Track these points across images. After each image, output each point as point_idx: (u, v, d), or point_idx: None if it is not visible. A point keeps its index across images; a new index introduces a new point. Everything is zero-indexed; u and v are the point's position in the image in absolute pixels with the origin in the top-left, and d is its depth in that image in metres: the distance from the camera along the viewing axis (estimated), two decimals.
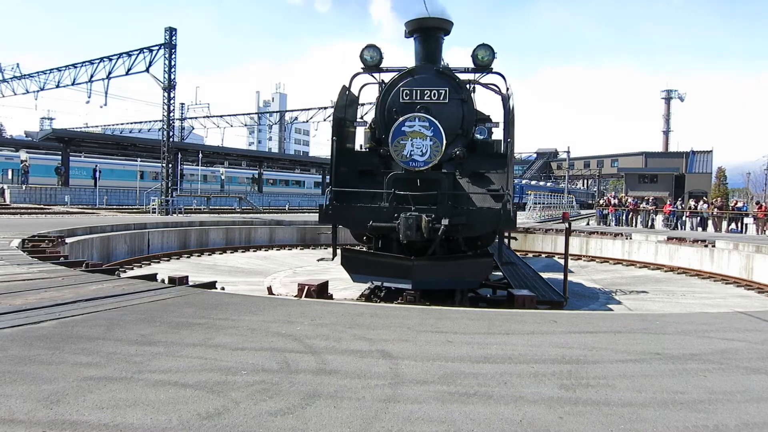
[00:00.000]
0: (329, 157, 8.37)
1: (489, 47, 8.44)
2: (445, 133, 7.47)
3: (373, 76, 8.88)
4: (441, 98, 8.12)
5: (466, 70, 8.61)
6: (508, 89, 8.62)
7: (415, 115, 7.55)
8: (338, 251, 8.45)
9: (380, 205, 7.51)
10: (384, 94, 8.34)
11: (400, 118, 7.53)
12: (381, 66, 8.74)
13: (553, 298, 7.71)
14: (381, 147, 8.30)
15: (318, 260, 8.98)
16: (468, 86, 8.60)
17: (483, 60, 8.45)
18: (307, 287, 7.27)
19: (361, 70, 8.95)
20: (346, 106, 8.96)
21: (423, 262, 7.39)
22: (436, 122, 7.50)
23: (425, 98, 8.10)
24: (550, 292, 8.27)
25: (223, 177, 51.32)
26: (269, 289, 10.88)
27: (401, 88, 8.20)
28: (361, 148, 9.54)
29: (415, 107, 7.97)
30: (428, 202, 7.28)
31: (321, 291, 7.35)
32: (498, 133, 8.98)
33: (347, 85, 9.08)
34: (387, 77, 9.01)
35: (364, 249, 8.67)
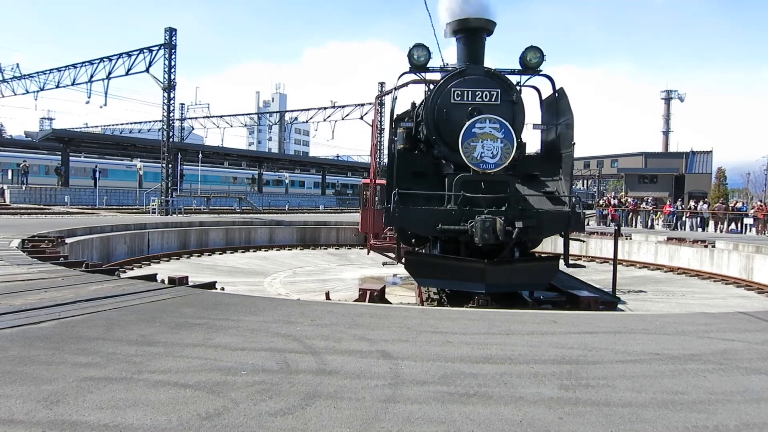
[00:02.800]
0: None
1: (539, 49, 8.40)
2: None
3: (418, 75, 8.76)
4: (493, 100, 8.04)
5: (512, 72, 8.54)
6: (556, 92, 8.54)
7: (485, 116, 7.47)
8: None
9: (448, 207, 7.39)
10: (434, 95, 8.21)
11: (471, 120, 7.40)
12: (428, 66, 8.60)
13: (607, 298, 7.62)
14: (434, 148, 8.22)
15: (383, 264, 8.75)
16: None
17: (531, 62, 8.39)
18: (369, 292, 7.28)
19: (408, 70, 8.81)
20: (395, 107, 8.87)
21: (496, 265, 7.28)
22: (507, 124, 7.44)
23: (476, 99, 8.02)
24: (598, 292, 8.16)
25: (287, 182, 56.11)
26: (327, 295, 10.85)
27: (452, 89, 8.09)
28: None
29: (467, 108, 7.92)
30: (496, 204, 7.20)
31: (381, 296, 7.38)
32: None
33: (396, 85, 9.02)
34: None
35: (416, 250, 8.38)
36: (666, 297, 13.53)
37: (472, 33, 8.53)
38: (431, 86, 8.60)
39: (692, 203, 29.75)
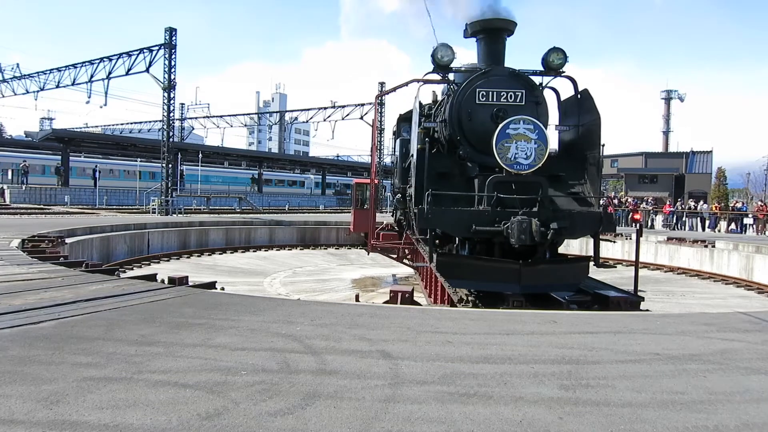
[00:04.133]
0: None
1: (562, 51, 8.38)
2: None
3: (441, 75, 8.72)
4: (518, 101, 8.02)
5: (534, 73, 8.53)
6: (579, 93, 8.53)
7: (519, 117, 7.43)
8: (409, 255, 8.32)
9: (481, 208, 7.36)
10: (458, 95, 8.19)
11: (505, 121, 7.38)
12: (451, 66, 8.56)
13: (633, 298, 7.62)
14: (459, 149, 8.20)
15: (416, 265, 8.69)
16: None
17: (555, 63, 8.37)
18: (401, 294, 7.28)
19: (432, 71, 8.78)
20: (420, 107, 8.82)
21: (530, 266, 7.26)
22: (541, 125, 7.44)
23: (501, 100, 8.01)
24: (620, 291, 8.16)
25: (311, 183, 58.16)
26: (357, 297, 10.88)
27: (477, 89, 8.07)
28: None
29: (492, 109, 7.94)
30: (528, 205, 7.20)
31: (411, 298, 7.38)
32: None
33: (420, 84, 9.01)
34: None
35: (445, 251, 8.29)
36: (666, 297, 13.54)
37: (493, 33, 8.52)
38: (452, 86, 8.56)
39: (692, 203, 29.74)
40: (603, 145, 8.02)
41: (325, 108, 45.68)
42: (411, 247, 14.18)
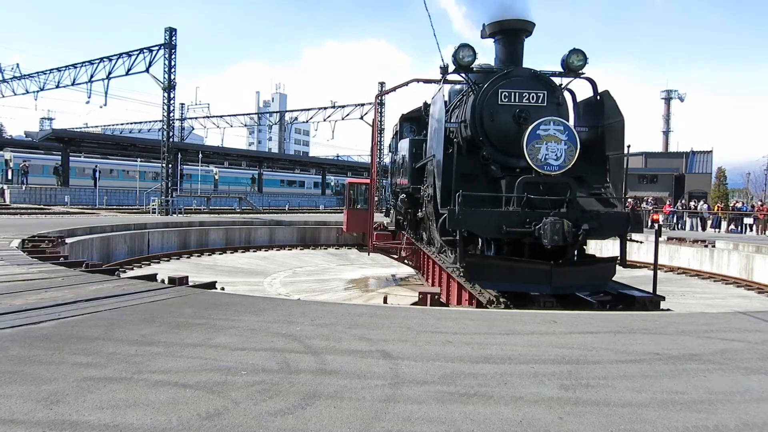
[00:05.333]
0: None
1: (582, 52, 8.42)
2: None
3: (462, 75, 8.72)
4: (539, 101, 8.06)
5: (553, 74, 8.55)
6: (598, 95, 8.55)
7: (550, 118, 7.46)
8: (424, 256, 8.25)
9: (511, 209, 7.36)
10: (480, 96, 8.19)
11: (536, 122, 7.39)
12: (472, 66, 8.56)
13: (655, 297, 7.66)
14: (481, 149, 8.22)
15: (452, 265, 8.61)
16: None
17: (574, 65, 8.41)
18: (430, 295, 7.31)
19: (452, 71, 8.76)
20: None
21: (561, 266, 7.28)
22: (571, 126, 7.47)
23: (523, 101, 8.05)
24: (639, 291, 8.19)
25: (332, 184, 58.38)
26: (385, 299, 10.85)
27: (500, 90, 8.09)
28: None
29: (514, 110, 7.98)
30: (556, 206, 7.22)
31: (439, 299, 7.44)
32: None
33: (443, 82, 9.01)
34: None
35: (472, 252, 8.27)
36: (666, 297, 13.51)
37: (511, 34, 8.55)
38: (473, 87, 8.55)
39: (692, 203, 29.75)
40: (629, 146, 8.05)
41: (325, 108, 45.68)
42: (412, 248, 14.17)
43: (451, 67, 8.51)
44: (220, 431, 2.47)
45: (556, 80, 8.55)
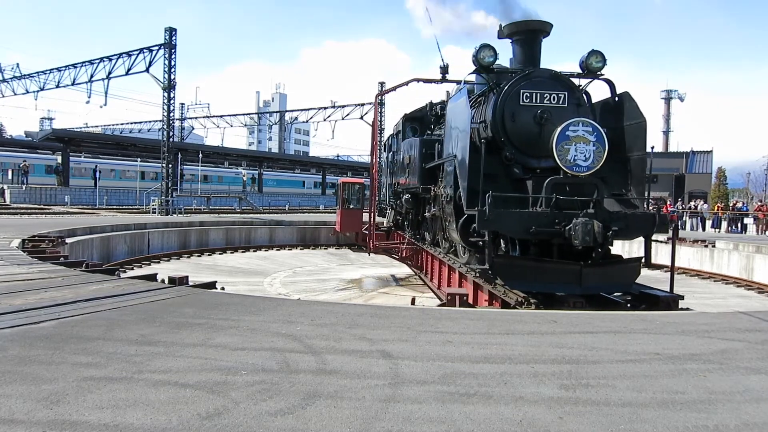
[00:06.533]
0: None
1: (601, 54, 8.46)
2: None
3: (482, 75, 8.73)
4: (560, 102, 8.10)
5: (572, 75, 8.58)
6: (616, 96, 8.57)
7: (578, 120, 7.51)
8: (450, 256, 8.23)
9: (539, 209, 7.37)
10: (503, 96, 8.21)
11: (565, 123, 7.43)
12: (492, 67, 8.59)
13: (675, 296, 7.72)
14: (503, 150, 8.24)
15: (476, 268, 8.61)
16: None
17: (593, 66, 8.44)
18: (458, 296, 7.29)
19: (473, 71, 8.78)
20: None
21: (590, 267, 7.30)
22: (599, 127, 7.50)
23: (545, 102, 8.09)
24: (662, 291, 8.25)
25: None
26: (413, 300, 10.80)
27: (521, 91, 8.12)
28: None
29: (535, 110, 8.02)
30: (584, 207, 7.25)
31: (468, 301, 7.41)
32: None
33: (466, 80, 9.02)
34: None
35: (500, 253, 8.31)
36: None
37: (530, 35, 8.58)
38: (494, 88, 8.56)
39: (692, 203, 29.76)
40: (653, 147, 8.09)
41: (325, 108, 45.65)
42: (413, 248, 14.16)
43: (467, 68, 8.51)
44: (220, 431, 2.47)
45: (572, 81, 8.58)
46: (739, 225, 26.01)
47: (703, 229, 26.46)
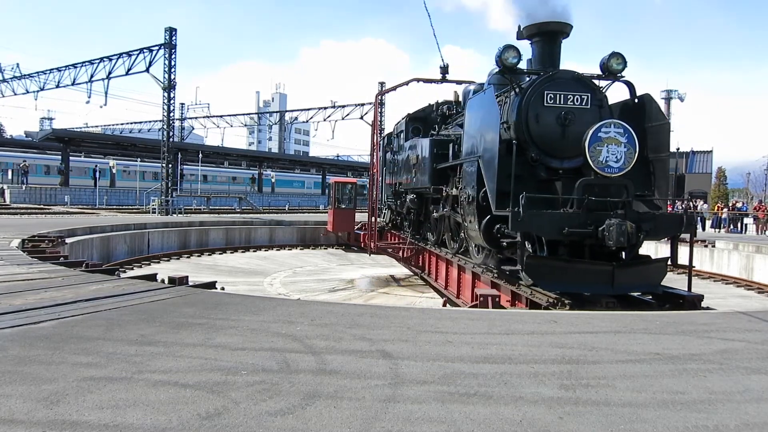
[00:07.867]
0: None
1: (621, 56, 8.50)
2: None
3: (505, 77, 8.76)
4: (583, 104, 8.16)
5: (592, 77, 8.62)
6: (636, 98, 8.62)
7: (610, 121, 7.59)
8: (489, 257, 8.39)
9: (571, 210, 7.43)
10: (527, 97, 8.23)
11: (597, 124, 7.49)
12: (516, 68, 8.61)
13: (699, 296, 7.79)
14: (528, 151, 8.27)
15: (507, 269, 8.64)
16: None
17: (614, 68, 8.48)
18: (491, 298, 7.37)
19: (496, 72, 8.80)
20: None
21: (622, 267, 7.38)
22: (630, 129, 7.54)
23: (568, 103, 8.14)
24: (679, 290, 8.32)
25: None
26: (444, 302, 10.83)
27: (546, 92, 8.16)
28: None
29: (559, 112, 8.07)
30: (614, 208, 7.32)
31: (500, 302, 7.49)
32: None
33: (489, 80, 9.03)
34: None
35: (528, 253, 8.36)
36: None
37: (550, 36, 8.61)
38: (516, 88, 8.58)
39: (692, 204, 29.76)
40: (678, 149, 8.16)
41: (325, 108, 45.65)
42: (413, 248, 14.16)
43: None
44: (220, 431, 2.47)
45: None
46: (739, 225, 26.02)
47: (703, 229, 26.45)
